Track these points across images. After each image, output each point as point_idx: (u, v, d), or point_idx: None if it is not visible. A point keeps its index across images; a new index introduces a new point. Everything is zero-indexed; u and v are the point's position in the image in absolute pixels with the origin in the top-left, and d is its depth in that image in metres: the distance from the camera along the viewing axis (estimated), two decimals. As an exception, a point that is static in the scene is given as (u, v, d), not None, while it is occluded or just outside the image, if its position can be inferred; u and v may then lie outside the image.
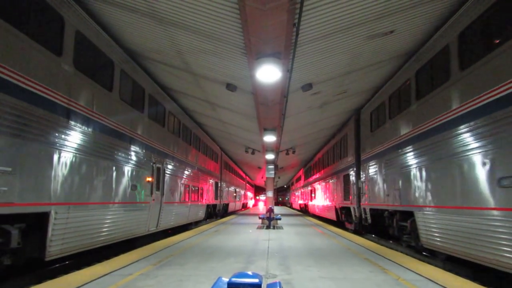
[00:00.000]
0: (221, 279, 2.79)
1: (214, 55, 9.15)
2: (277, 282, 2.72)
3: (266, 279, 5.74)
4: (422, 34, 8.64)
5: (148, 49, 9.67)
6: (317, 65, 9.76)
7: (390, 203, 10.89)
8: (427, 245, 8.39)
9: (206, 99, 13.91)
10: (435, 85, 8.04)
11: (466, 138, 6.73)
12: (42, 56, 5.99)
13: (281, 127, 15.23)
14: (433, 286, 5.49)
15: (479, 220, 6.24)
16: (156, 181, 11.67)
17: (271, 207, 17.28)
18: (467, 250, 6.66)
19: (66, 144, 6.63)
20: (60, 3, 6.39)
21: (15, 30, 5.41)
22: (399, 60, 10.28)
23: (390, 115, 11.12)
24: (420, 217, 8.65)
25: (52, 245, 6.29)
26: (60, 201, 6.45)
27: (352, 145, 15.79)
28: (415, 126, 9.08)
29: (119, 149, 8.90)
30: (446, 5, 7.37)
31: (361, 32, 8.09)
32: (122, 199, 9.03)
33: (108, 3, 7.37)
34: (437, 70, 8.04)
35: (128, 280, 5.60)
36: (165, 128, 12.82)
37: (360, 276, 6.05)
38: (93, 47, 7.72)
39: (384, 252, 8.86)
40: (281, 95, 10.68)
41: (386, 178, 11.35)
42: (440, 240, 7.70)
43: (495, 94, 5.93)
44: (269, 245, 9.74)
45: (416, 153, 8.99)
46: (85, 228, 7.37)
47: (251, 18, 6.42)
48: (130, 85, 9.72)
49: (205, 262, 7.11)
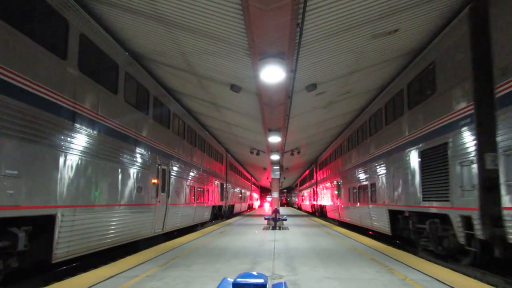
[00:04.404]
0: (227, 279, 2.78)
1: (218, 56, 9.16)
2: (282, 282, 2.70)
3: (272, 279, 5.72)
4: (426, 33, 8.58)
5: (152, 51, 9.70)
6: (321, 65, 9.73)
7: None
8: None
9: (211, 101, 13.93)
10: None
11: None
12: (47, 59, 6.03)
13: (285, 127, 15.20)
14: (440, 286, 5.43)
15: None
16: (161, 183, 11.70)
17: (276, 208, 17.25)
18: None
19: (71, 146, 6.66)
20: (64, 6, 6.44)
21: (20, 34, 5.44)
22: (404, 59, 10.22)
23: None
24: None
25: (58, 248, 6.32)
26: (66, 204, 6.48)
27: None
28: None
29: (124, 151, 8.93)
30: (449, 3, 7.33)
31: (365, 31, 8.06)
32: (127, 201, 9.06)
33: (112, 6, 7.41)
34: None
35: (134, 282, 5.61)
36: (170, 130, 12.85)
37: (366, 276, 6.00)
38: (98, 49, 7.76)
39: (391, 252, 8.79)
40: (285, 95, 10.66)
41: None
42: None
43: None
44: (275, 246, 9.71)
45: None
46: (91, 230, 7.40)
47: (255, 18, 6.42)
48: (134, 87, 9.76)
49: (211, 264, 7.10)
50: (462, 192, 7.34)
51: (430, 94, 8.90)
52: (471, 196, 7.05)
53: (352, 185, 17.58)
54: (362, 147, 15.67)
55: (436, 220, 8.86)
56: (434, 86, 8.69)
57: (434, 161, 8.68)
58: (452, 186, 7.74)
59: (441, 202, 8.27)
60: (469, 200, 7.11)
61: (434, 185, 8.65)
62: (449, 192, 7.86)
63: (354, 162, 17.28)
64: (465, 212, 7.26)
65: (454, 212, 7.67)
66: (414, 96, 9.89)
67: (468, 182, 7.17)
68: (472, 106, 7.12)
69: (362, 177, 15.55)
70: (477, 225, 6.80)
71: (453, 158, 7.73)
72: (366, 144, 14.93)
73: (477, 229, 6.81)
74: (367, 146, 14.68)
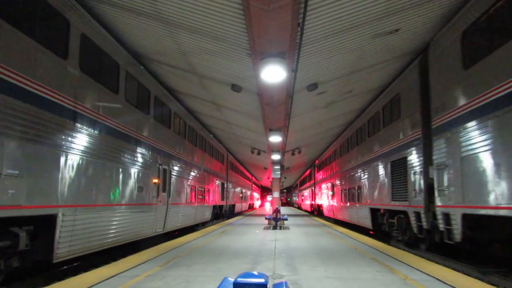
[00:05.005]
0: (227, 279, 2.78)
1: (218, 56, 9.16)
2: (283, 282, 2.70)
3: (273, 279, 5.72)
4: (427, 33, 8.57)
5: (153, 51, 9.71)
6: (322, 65, 9.72)
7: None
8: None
9: (212, 100, 13.93)
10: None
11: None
12: (47, 59, 6.04)
13: (286, 127, 15.19)
14: (441, 286, 5.43)
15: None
16: (162, 183, 11.71)
17: (277, 207, 17.25)
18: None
19: (72, 146, 6.67)
20: (65, 6, 6.44)
21: (20, 33, 5.45)
22: (404, 59, 10.21)
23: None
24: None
25: (59, 247, 6.33)
26: (67, 203, 6.49)
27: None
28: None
29: (125, 151, 8.94)
30: (449, 3, 7.32)
31: (365, 31, 8.05)
32: (128, 200, 9.06)
33: (112, 6, 7.42)
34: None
35: (135, 281, 5.61)
36: (170, 130, 12.86)
37: (367, 276, 6.00)
38: (99, 49, 7.76)
39: (391, 252, 8.79)
40: (286, 95, 10.66)
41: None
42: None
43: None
44: (275, 246, 9.71)
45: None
46: (92, 230, 7.41)
47: (256, 18, 6.42)
48: (135, 87, 9.77)
49: (212, 263, 7.11)
50: (415, 194, 9.68)
51: (397, 118, 11.32)
52: (420, 197, 9.41)
53: (343, 187, 20.21)
54: (351, 155, 18.26)
55: (401, 215, 11.17)
56: (399, 112, 11.09)
57: (398, 170, 11.14)
58: (409, 189, 10.11)
59: (403, 201, 10.66)
60: (418, 200, 9.46)
61: (399, 189, 11.05)
62: (408, 194, 10.25)
63: (344, 167, 19.96)
64: (416, 209, 9.65)
65: (410, 209, 10.08)
66: (387, 117, 12.37)
67: (418, 187, 9.55)
68: (420, 132, 9.55)
69: (351, 180, 18.13)
70: (423, 218, 9.19)
71: (410, 169, 10.16)
72: (353, 152, 17.55)
73: (424, 221, 9.20)
74: (355, 154, 17.27)
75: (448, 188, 7.93)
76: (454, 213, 7.63)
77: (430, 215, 8.89)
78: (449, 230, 7.92)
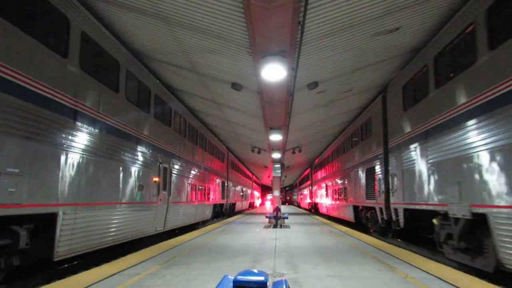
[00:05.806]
0: (227, 277, 2.78)
1: (219, 54, 9.15)
2: (283, 280, 2.70)
3: (273, 277, 5.73)
4: (427, 31, 8.55)
5: (154, 50, 9.70)
6: (322, 63, 9.71)
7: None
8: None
9: (212, 99, 13.93)
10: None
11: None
12: (47, 57, 6.03)
13: (287, 126, 15.19)
14: (442, 284, 5.43)
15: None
16: (162, 181, 11.72)
17: (278, 206, 17.26)
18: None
19: (73, 145, 6.67)
20: (65, 4, 6.43)
21: (20, 32, 5.45)
22: (405, 58, 10.19)
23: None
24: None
25: (60, 246, 6.34)
26: (68, 202, 6.50)
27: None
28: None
29: (125, 150, 8.94)
30: (449, 1, 7.30)
31: (366, 29, 8.04)
32: (129, 199, 9.07)
33: (112, 4, 7.41)
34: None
35: (136, 279, 5.62)
36: (171, 128, 12.86)
37: (367, 275, 6.01)
38: (99, 48, 7.76)
39: (392, 250, 8.79)
40: (286, 93, 10.65)
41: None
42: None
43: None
44: (276, 244, 9.72)
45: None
46: (93, 228, 7.42)
47: (256, 16, 6.41)
48: (136, 86, 9.77)
49: (212, 262, 7.12)
50: (379, 194, 12.81)
51: (370, 136, 14.46)
52: (382, 197, 12.51)
53: (334, 188, 23.78)
54: (339, 161, 21.73)
55: (373, 210, 14.22)
56: (371, 131, 14.25)
57: (370, 176, 14.34)
58: (377, 191, 13.28)
59: (373, 199, 13.87)
60: (382, 199, 12.57)
61: (371, 190, 14.22)
62: (376, 194, 13.40)
63: (335, 171, 23.60)
64: (380, 205, 12.75)
65: (377, 206, 13.27)
66: (364, 133, 15.46)
67: (381, 189, 12.68)
68: (382, 149, 12.73)
69: (340, 182, 21.68)
70: (384, 212, 12.34)
71: (377, 176, 13.40)
72: (342, 158, 20.93)
73: (385, 214, 12.33)
74: (342, 160, 20.77)
75: (396, 190, 11.08)
76: (399, 208, 10.86)
77: (388, 210, 11.96)
78: (397, 220, 11.03)
